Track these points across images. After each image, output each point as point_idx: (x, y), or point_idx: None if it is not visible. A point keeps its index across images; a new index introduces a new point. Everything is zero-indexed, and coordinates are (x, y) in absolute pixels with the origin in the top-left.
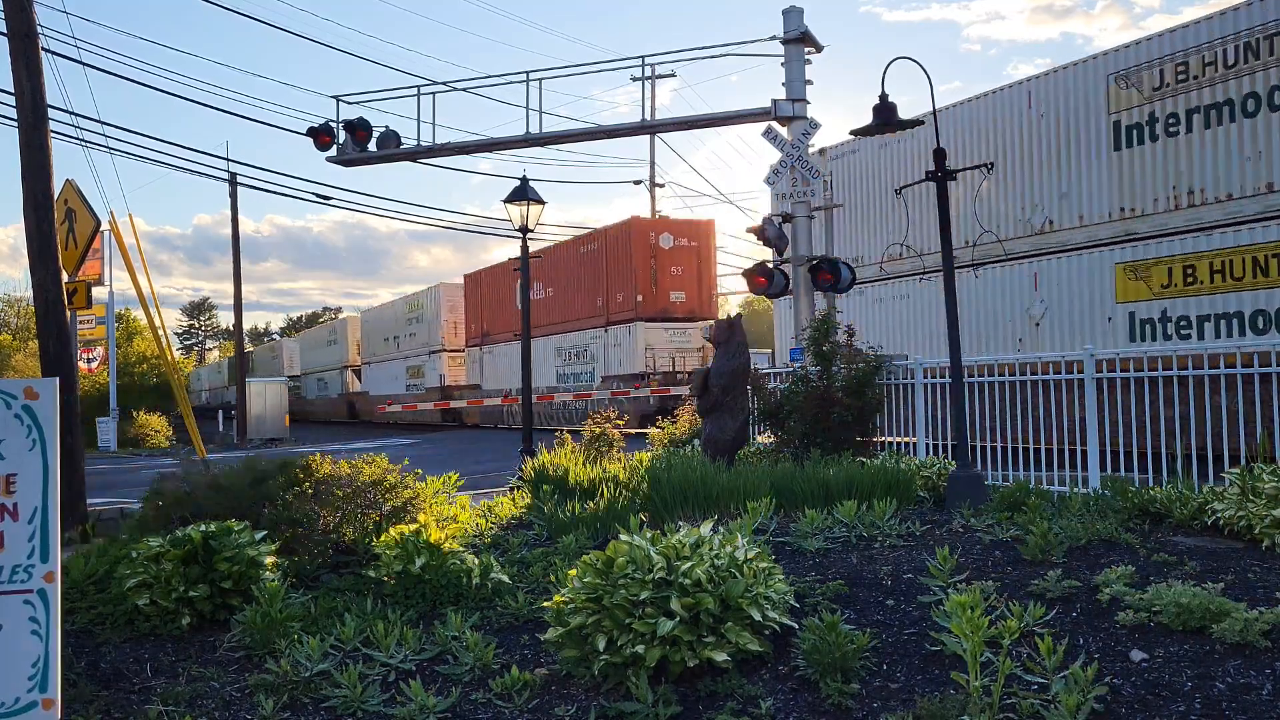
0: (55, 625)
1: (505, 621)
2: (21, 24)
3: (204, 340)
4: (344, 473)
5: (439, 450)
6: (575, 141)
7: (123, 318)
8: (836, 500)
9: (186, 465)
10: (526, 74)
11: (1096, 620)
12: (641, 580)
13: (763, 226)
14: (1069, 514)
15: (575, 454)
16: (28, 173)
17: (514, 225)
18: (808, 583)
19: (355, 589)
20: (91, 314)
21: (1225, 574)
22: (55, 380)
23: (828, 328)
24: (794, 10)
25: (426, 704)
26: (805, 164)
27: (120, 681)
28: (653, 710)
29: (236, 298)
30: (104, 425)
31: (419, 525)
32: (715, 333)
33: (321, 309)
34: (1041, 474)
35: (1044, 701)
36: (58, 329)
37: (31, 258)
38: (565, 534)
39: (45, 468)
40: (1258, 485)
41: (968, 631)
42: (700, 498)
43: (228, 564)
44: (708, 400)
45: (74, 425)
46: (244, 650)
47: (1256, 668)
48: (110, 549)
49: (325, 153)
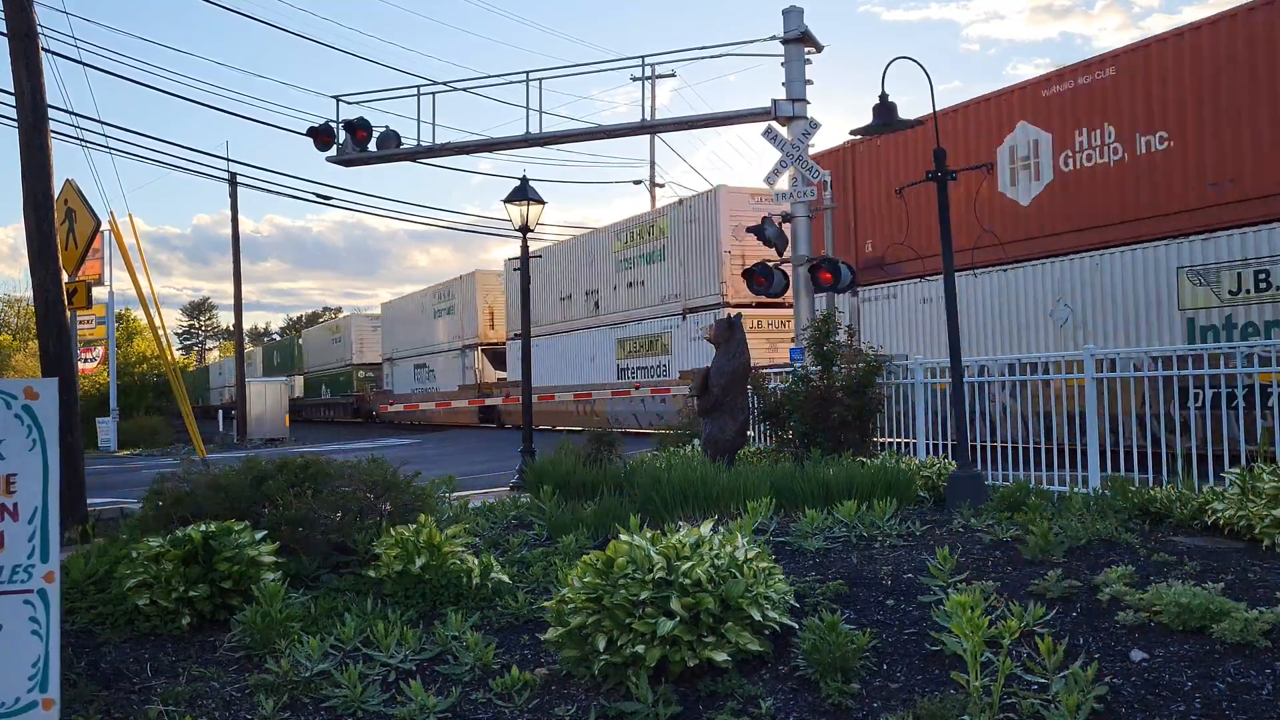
0: (55, 625)
1: (505, 621)
2: (21, 24)
3: (204, 340)
4: (345, 472)
5: (441, 450)
6: (575, 141)
7: (123, 318)
8: (836, 500)
9: (186, 465)
10: (526, 74)
11: (1096, 620)
12: (641, 580)
13: (763, 226)
14: (1069, 514)
15: (575, 454)
16: (28, 172)
17: (514, 225)
18: (808, 582)
19: (355, 589)
20: (91, 314)
21: (1225, 574)
22: (55, 380)
23: (828, 328)
24: (794, 10)
25: (427, 704)
26: (805, 164)
27: (120, 681)
28: (653, 710)
29: (237, 298)
30: (104, 425)
31: (419, 525)
32: (715, 332)
33: (322, 309)
34: (1042, 474)
35: (1044, 701)
36: (58, 329)
37: (31, 258)
38: (565, 534)
39: (45, 468)
40: (1258, 485)
41: (968, 631)
42: (700, 498)
43: (228, 564)
44: (708, 400)
45: (74, 425)
46: (244, 650)
47: (1257, 667)
48: (110, 549)
49: (325, 153)
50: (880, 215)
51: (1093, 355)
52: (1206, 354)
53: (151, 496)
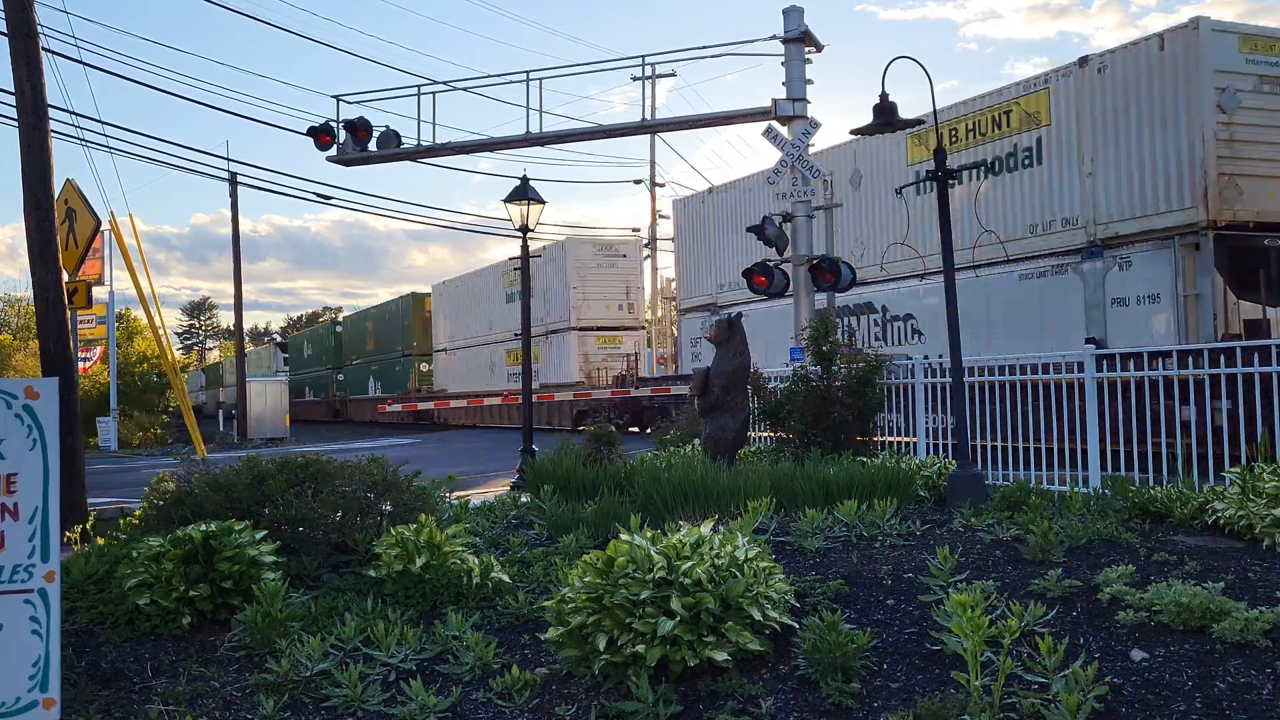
0: (56, 625)
1: (506, 621)
2: (22, 24)
3: (204, 340)
4: (345, 472)
5: (440, 450)
6: (575, 141)
7: (123, 317)
8: (837, 500)
9: (187, 465)
10: (526, 74)
11: (1097, 620)
12: (642, 580)
13: (763, 225)
14: (1069, 513)
15: (575, 454)
16: (28, 172)
17: (514, 225)
18: (808, 582)
19: (356, 589)
20: (92, 314)
21: (1226, 573)
22: (55, 380)
23: (828, 327)
24: (794, 10)
25: (427, 703)
26: (805, 163)
27: (120, 681)
28: (653, 710)
29: (237, 297)
30: (104, 425)
31: (419, 525)
32: (715, 333)
33: (322, 309)
34: (1042, 473)
35: (1044, 701)
36: (58, 329)
37: (32, 257)
38: (566, 533)
39: (45, 467)
40: (1258, 484)
41: (968, 631)
42: (701, 497)
43: (228, 564)
44: (708, 400)
45: (74, 425)
46: (244, 650)
47: (1257, 667)
48: (110, 549)
49: (325, 152)
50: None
51: (1093, 354)
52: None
53: (152, 496)
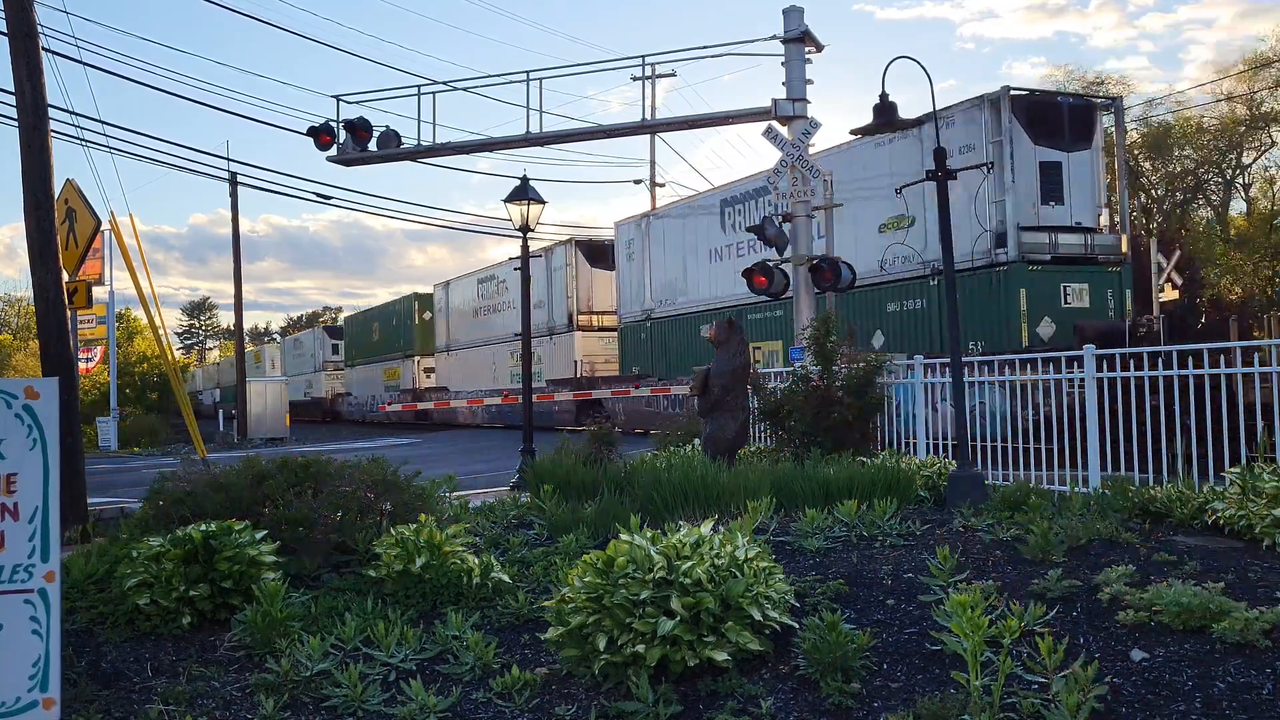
0: (56, 625)
1: (506, 621)
2: (22, 24)
3: (204, 340)
4: (345, 472)
5: (440, 450)
6: (575, 141)
7: (123, 317)
8: (837, 500)
9: (187, 465)
10: (526, 74)
11: (1097, 620)
12: (642, 580)
13: (763, 225)
14: (1069, 514)
15: (575, 454)
16: (28, 172)
17: (514, 225)
18: (808, 582)
19: (356, 588)
20: (92, 314)
21: (1226, 573)
22: (55, 380)
23: (828, 327)
24: (794, 10)
25: (427, 703)
26: (806, 163)
27: (120, 681)
28: (653, 710)
29: (237, 297)
30: (104, 425)
31: (419, 525)
32: (715, 333)
33: (322, 308)
34: (1042, 473)
35: (1044, 701)
36: (58, 329)
37: (32, 257)
38: (566, 533)
39: (46, 467)
40: (1258, 485)
41: (968, 631)
42: (701, 497)
43: (228, 563)
44: (708, 400)
45: (74, 425)
46: (244, 650)
47: (1257, 667)
48: (110, 548)
49: (326, 152)
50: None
51: (1093, 354)
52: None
53: (152, 496)
